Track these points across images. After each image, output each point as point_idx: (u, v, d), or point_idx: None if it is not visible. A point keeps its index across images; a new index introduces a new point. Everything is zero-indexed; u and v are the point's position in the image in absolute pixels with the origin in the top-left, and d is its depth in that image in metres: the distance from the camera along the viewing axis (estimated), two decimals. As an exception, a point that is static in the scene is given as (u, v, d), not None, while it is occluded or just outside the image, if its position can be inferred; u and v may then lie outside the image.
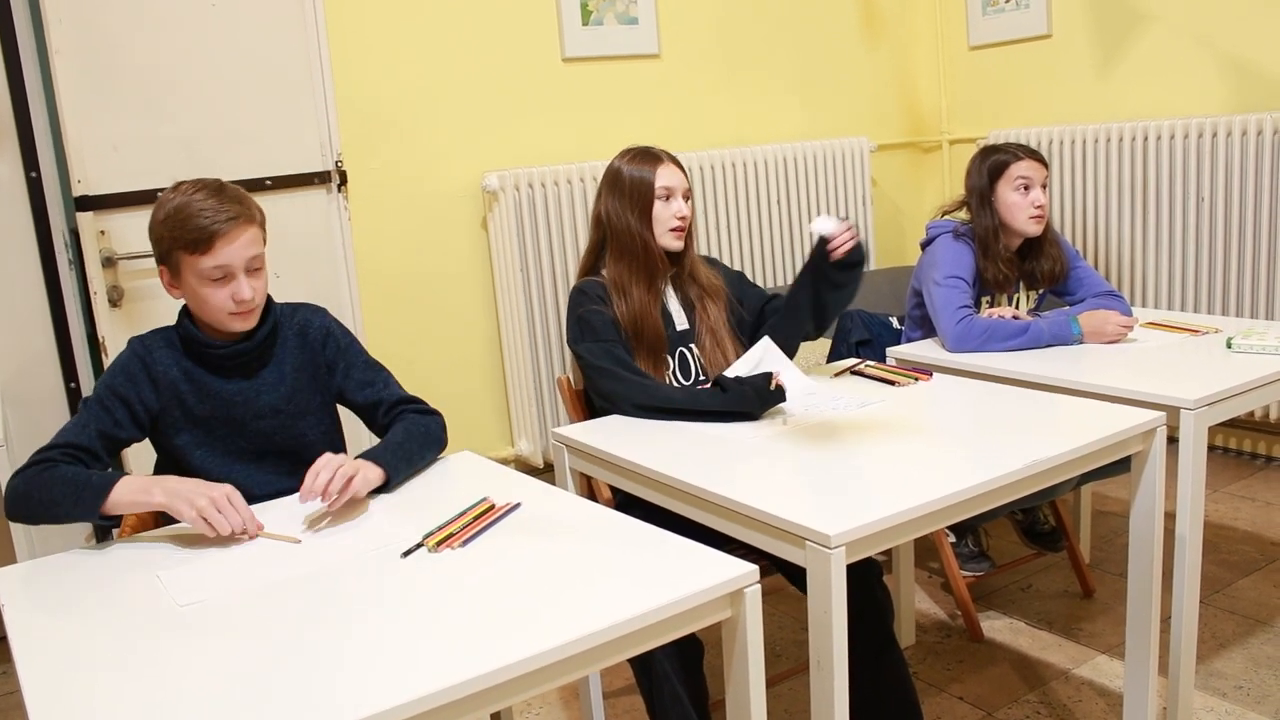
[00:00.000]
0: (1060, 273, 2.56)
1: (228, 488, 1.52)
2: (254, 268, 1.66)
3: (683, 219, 2.12)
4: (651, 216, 2.10)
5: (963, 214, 2.58)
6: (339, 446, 1.80)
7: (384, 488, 1.65)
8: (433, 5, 3.13)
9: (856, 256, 1.95)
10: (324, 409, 1.82)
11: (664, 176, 2.11)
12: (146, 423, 1.69)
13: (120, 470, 1.66)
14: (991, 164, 2.52)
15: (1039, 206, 2.47)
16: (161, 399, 1.69)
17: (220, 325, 1.68)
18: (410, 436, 1.74)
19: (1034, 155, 2.50)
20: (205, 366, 1.71)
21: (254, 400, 1.73)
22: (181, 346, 1.71)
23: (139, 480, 1.53)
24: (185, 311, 1.72)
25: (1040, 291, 2.61)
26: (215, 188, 1.63)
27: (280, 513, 1.59)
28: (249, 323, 1.69)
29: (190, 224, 1.59)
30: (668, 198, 2.11)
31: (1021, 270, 2.55)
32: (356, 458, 1.64)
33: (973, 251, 2.49)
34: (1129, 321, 2.32)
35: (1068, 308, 2.51)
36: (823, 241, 1.95)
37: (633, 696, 2.33)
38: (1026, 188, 2.46)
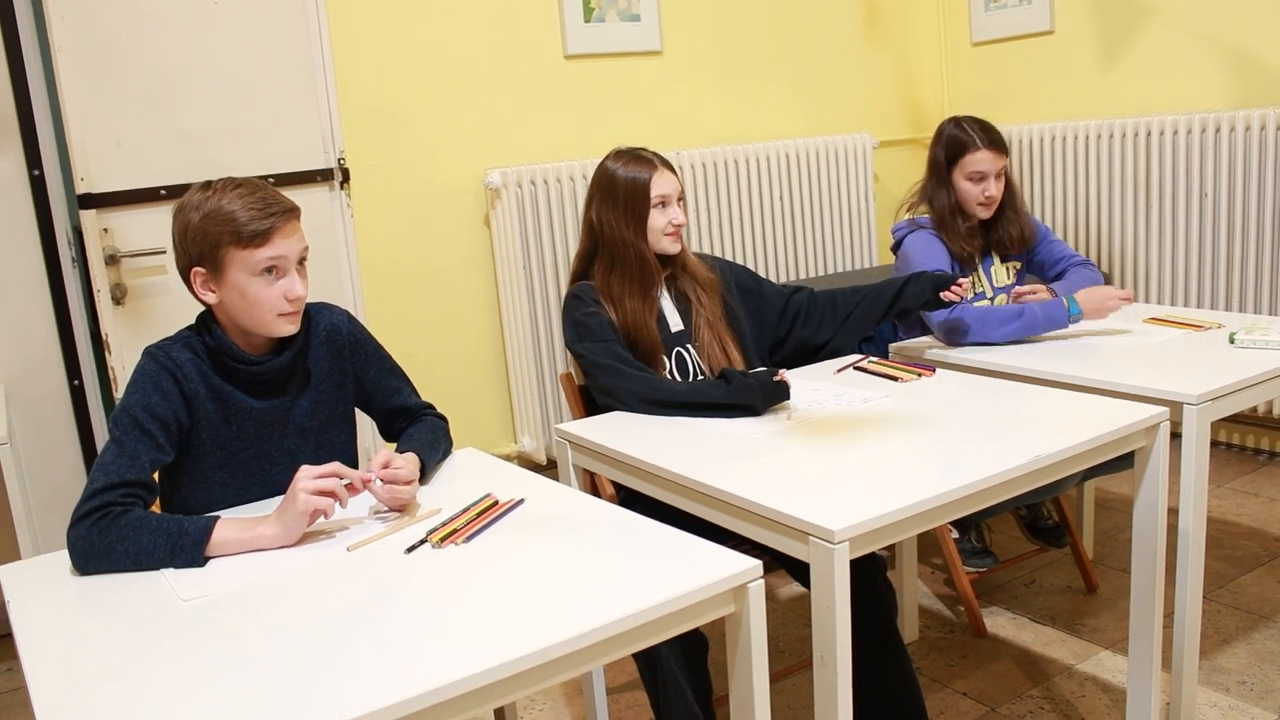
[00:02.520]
0: (1029, 236, 2.55)
1: (311, 471, 1.46)
2: (303, 261, 1.60)
3: (678, 225, 2.10)
4: (647, 227, 2.09)
5: (921, 207, 2.57)
6: (354, 455, 1.79)
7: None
8: (435, 2, 3.13)
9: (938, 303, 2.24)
10: (345, 418, 1.77)
11: (659, 185, 2.08)
12: (179, 443, 1.58)
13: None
14: (951, 144, 2.50)
15: (988, 196, 2.47)
16: (193, 417, 1.59)
17: (264, 329, 1.58)
18: (436, 437, 1.77)
19: (993, 144, 2.46)
20: (234, 383, 1.61)
21: (283, 419, 1.66)
22: (209, 359, 1.60)
23: (235, 519, 1.45)
24: (209, 319, 1.62)
25: (1019, 268, 2.60)
26: (255, 184, 1.57)
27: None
28: (295, 325, 1.60)
29: (244, 215, 1.52)
30: (663, 205, 2.09)
31: (989, 240, 2.54)
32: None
33: (938, 238, 2.49)
34: (1127, 294, 2.33)
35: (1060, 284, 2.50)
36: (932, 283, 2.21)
37: (636, 692, 2.33)
38: (981, 178, 2.46)
